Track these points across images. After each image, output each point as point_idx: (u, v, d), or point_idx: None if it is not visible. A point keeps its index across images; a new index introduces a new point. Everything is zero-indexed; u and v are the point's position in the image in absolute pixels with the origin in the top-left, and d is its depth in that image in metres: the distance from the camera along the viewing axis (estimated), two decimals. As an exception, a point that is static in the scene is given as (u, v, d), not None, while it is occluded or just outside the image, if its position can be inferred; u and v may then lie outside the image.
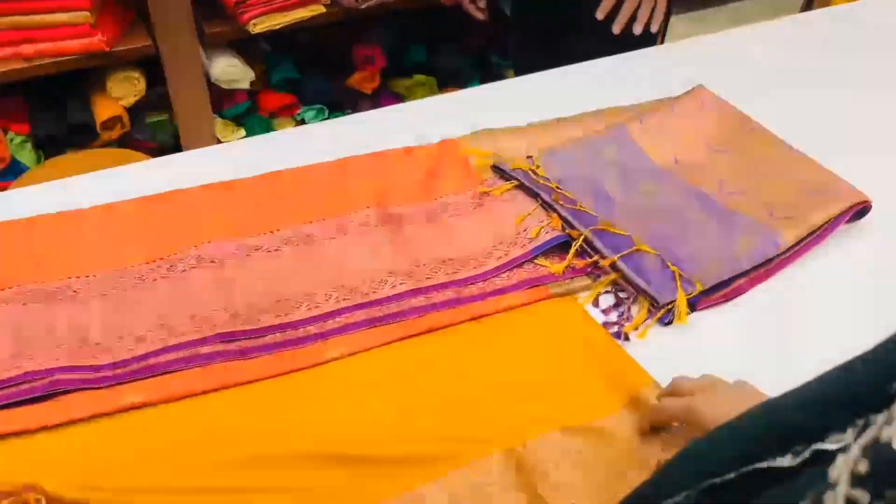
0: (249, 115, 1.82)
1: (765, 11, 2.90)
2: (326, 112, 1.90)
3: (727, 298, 0.74)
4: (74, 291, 0.72)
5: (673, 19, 1.93)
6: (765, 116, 0.96)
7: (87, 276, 0.74)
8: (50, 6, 1.42)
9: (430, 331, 0.71)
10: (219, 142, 1.77)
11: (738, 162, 0.91)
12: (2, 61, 1.46)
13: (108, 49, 1.50)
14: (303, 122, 1.87)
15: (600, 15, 1.10)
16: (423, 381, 0.66)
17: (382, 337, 0.70)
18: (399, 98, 1.99)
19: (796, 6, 2.59)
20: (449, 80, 2.02)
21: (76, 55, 1.49)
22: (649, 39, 1.17)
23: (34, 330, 0.68)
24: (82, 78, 1.63)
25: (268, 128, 1.84)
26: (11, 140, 1.60)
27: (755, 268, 0.76)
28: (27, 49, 1.45)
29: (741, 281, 0.76)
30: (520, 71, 1.24)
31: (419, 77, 1.97)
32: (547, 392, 0.65)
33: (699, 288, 0.73)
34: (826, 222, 0.80)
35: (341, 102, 1.92)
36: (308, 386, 0.66)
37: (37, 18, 1.43)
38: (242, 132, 1.81)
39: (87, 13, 1.44)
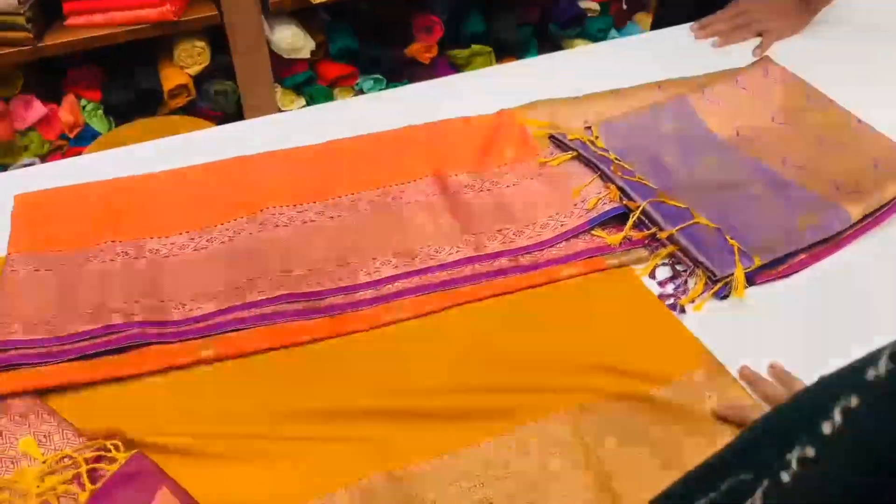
0: (309, 84, 1.84)
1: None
2: (384, 82, 1.91)
3: (787, 274, 0.74)
4: (151, 250, 0.76)
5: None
6: (835, 90, 0.93)
7: (160, 237, 0.78)
8: (122, -23, 1.47)
9: (486, 298, 0.72)
10: (280, 110, 1.80)
11: (803, 135, 0.89)
12: (75, 30, 1.51)
13: (176, 19, 1.54)
14: (361, 91, 1.89)
15: (694, 28, 1.09)
16: (480, 347, 0.68)
17: (439, 302, 0.72)
18: (456, 68, 1.98)
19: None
20: (506, 50, 2.01)
21: (146, 24, 1.53)
22: None
23: (113, 286, 0.72)
24: (151, 47, 1.68)
25: (327, 97, 1.86)
26: (84, 107, 1.66)
27: (818, 244, 0.75)
28: (99, 18, 1.50)
29: (802, 256, 0.75)
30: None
31: (476, 47, 1.96)
32: (602, 362, 0.65)
33: (757, 262, 0.72)
34: (894, 198, 0.78)
35: (399, 72, 1.93)
36: (368, 347, 0.68)
37: (110, -12, 1.48)
38: (303, 101, 1.84)
39: (157, -17, 1.48)
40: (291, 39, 1.70)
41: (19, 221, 0.79)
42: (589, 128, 0.90)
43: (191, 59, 1.65)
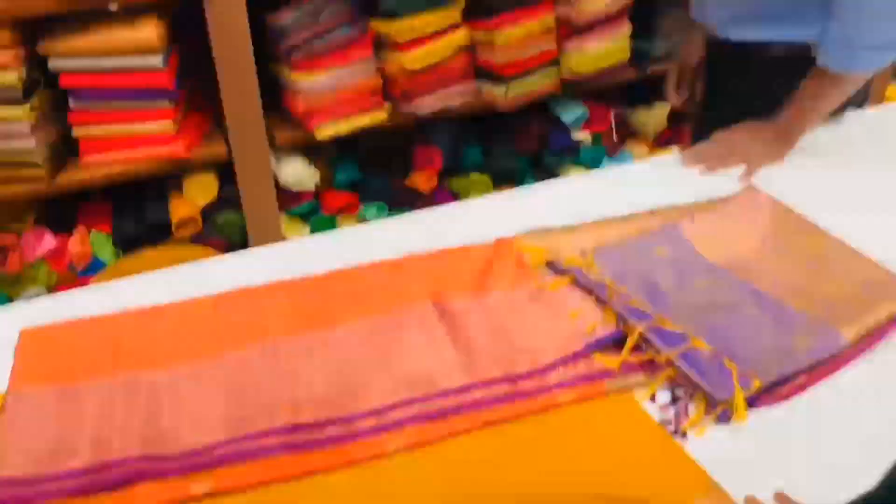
0: (314, 213, 1.90)
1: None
2: (387, 209, 1.97)
3: (787, 396, 0.74)
4: (149, 383, 0.76)
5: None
6: (820, 215, 0.97)
7: (161, 370, 0.78)
8: (138, 117, 1.55)
9: (486, 425, 0.72)
10: (285, 239, 1.85)
11: (793, 260, 0.91)
12: (91, 168, 1.58)
13: (187, 156, 1.61)
14: (364, 219, 1.95)
15: (682, 161, 1.15)
16: (481, 475, 0.67)
17: (440, 431, 0.71)
18: (456, 196, 2.05)
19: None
20: (503, 178, 2.09)
21: (158, 162, 1.60)
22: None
23: (112, 421, 0.72)
24: (161, 180, 1.75)
25: (331, 225, 1.92)
26: (94, 239, 1.71)
27: (815, 365, 0.75)
28: (114, 156, 1.58)
29: (801, 378, 0.75)
30: None
31: (475, 176, 2.04)
32: (604, 491, 0.64)
33: (757, 385, 0.72)
34: (889, 319, 0.79)
35: (401, 200, 1.99)
36: (368, 479, 0.67)
37: (126, 128, 1.56)
38: (307, 230, 1.89)
39: (171, 122, 1.56)
40: (297, 173, 1.78)
41: (22, 356, 0.80)
42: (584, 253, 0.92)
43: (199, 191, 1.72)
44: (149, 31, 1.46)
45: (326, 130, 1.70)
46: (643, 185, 1.10)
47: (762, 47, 1.15)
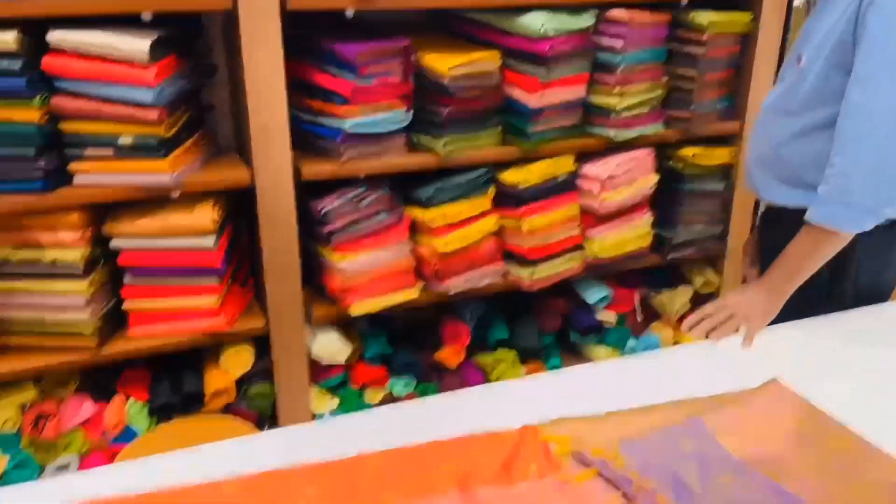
0: (343, 386, 1.94)
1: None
2: (414, 384, 2.00)
3: None
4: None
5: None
6: (845, 413, 0.98)
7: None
8: (186, 292, 1.65)
9: None
10: (313, 414, 1.87)
11: (818, 460, 0.92)
12: (137, 339, 1.66)
13: (228, 329, 1.69)
14: (391, 394, 1.98)
15: (685, 328, 1.22)
16: None
17: None
18: (482, 371, 2.08)
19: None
20: (529, 355, 2.13)
21: (201, 334, 1.68)
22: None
23: None
24: (199, 350, 1.82)
25: (360, 398, 1.94)
26: (131, 407, 1.75)
27: (845, 574, 0.74)
28: (160, 329, 1.66)
29: (832, 588, 0.74)
30: None
31: (501, 352, 2.08)
32: None
33: None
34: (917, 526, 0.79)
35: (428, 374, 2.03)
36: None
37: (173, 303, 1.65)
38: (336, 402, 1.92)
39: (216, 297, 1.66)
40: (331, 348, 1.84)
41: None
42: (610, 446, 0.94)
43: (235, 363, 1.78)
44: (204, 215, 1.59)
45: (361, 307, 1.78)
46: (670, 373, 1.13)
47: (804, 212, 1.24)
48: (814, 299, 1.30)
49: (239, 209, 1.79)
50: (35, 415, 1.62)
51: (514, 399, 1.08)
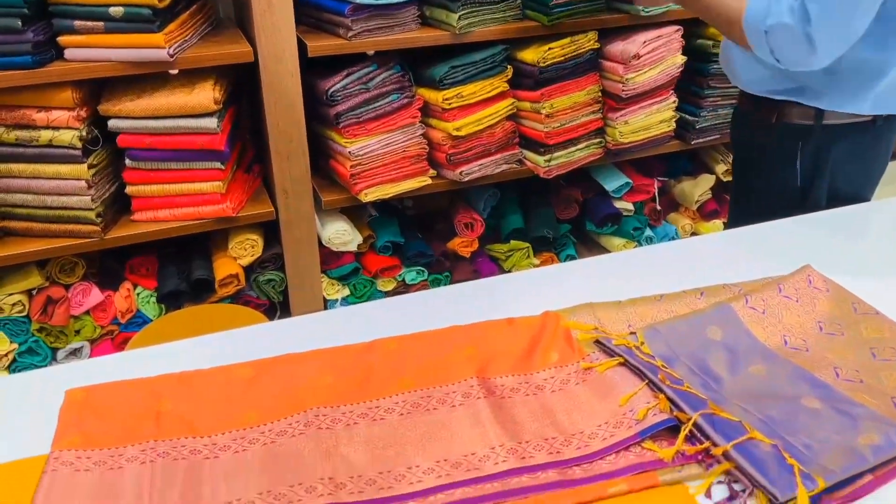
0: (354, 274, 1.91)
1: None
2: (426, 273, 1.97)
3: (852, 498, 0.69)
4: (191, 451, 0.75)
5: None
6: (878, 300, 0.94)
7: (202, 437, 0.77)
8: (190, 177, 1.59)
9: (533, 513, 0.69)
10: (325, 299, 1.85)
11: (854, 347, 0.88)
12: (142, 225, 1.62)
13: (234, 215, 1.64)
14: (403, 282, 1.95)
15: None
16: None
17: (484, 517, 0.69)
18: (495, 262, 2.05)
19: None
20: (543, 246, 2.08)
21: (207, 220, 1.63)
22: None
23: (151, 490, 0.70)
24: (207, 237, 1.78)
25: (371, 287, 1.92)
26: (139, 294, 1.73)
27: (881, 465, 0.71)
28: (165, 214, 1.61)
29: (867, 478, 0.71)
30: None
31: (514, 243, 2.04)
32: (658, 592, 0.61)
33: (821, 485, 0.68)
34: (959, 417, 0.75)
35: (440, 265, 1.99)
36: (408, 566, 0.65)
37: (177, 187, 1.59)
38: (347, 291, 1.90)
39: (221, 183, 1.60)
40: (341, 234, 1.79)
41: (66, 417, 0.80)
42: (634, 333, 0.90)
43: (244, 250, 1.74)
44: (206, 94, 1.50)
45: (371, 194, 1.72)
46: (690, 262, 1.08)
47: (780, 112, 1.21)
48: (787, 204, 1.24)
49: (242, 91, 1.70)
50: (43, 300, 1.61)
51: (532, 289, 1.04)
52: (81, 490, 0.70)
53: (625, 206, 2.10)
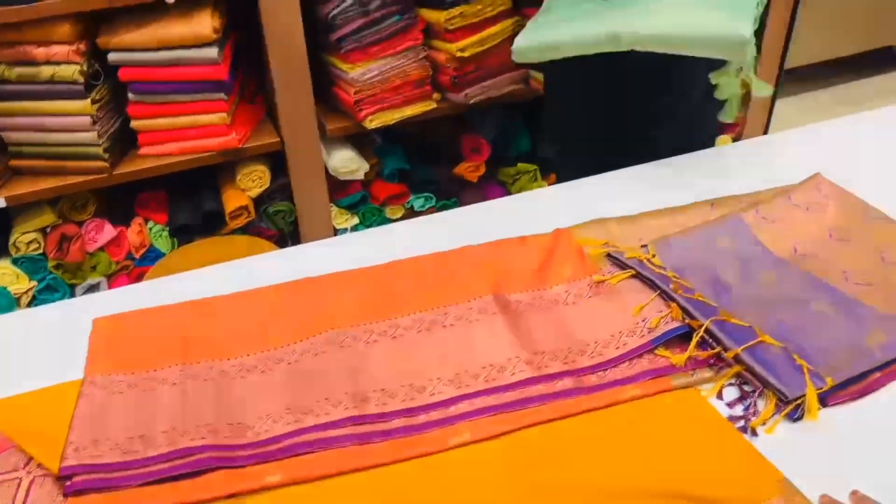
0: (363, 203, 1.92)
1: (872, 94, 2.83)
2: (434, 199, 1.97)
3: (861, 394, 0.72)
4: (219, 373, 0.78)
5: (779, 103, 1.93)
6: (887, 205, 0.94)
7: (228, 359, 0.80)
8: (194, 109, 1.58)
9: (550, 420, 0.72)
10: (335, 229, 1.87)
11: (863, 252, 0.89)
12: (149, 159, 1.62)
13: (240, 146, 1.64)
14: (412, 209, 1.96)
15: None
16: (544, 470, 0.67)
17: (503, 425, 0.71)
18: (503, 186, 2.04)
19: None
20: (552, 167, 2.07)
21: (213, 152, 1.63)
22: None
23: (183, 410, 0.73)
24: (213, 170, 1.78)
25: (380, 215, 1.93)
26: (151, 229, 1.75)
27: (890, 362, 0.73)
28: (171, 147, 1.60)
29: (875, 375, 0.73)
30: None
31: (522, 166, 2.03)
32: (673, 488, 0.64)
33: (830, 383, 0.70)
34: (965, 315, 0.77)
35: (449, 190, 1.99)
36: (432, 471, 0.68)
37: (182, 120, 1.58)
38: (356, 220, 1.91)
39: (225, 115, 1.59)
40: (347, 163, 1.79)
41: (97, 344, 0.82)
42: (645, 246, 0.91)
43: (252, 182, 1.74)
44: (204, 23, 1.48)
45: (376, 120, 1.71)
46: (700, 175, 1.08)
47: None
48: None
49: (241, 20, 1.67)
50: (58, 237, 1.62)
51: (543, 208, 1.04)
52: (117, 411, 0.73)
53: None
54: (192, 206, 1.76)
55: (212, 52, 1.50)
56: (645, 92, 1.18)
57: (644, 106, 1.20)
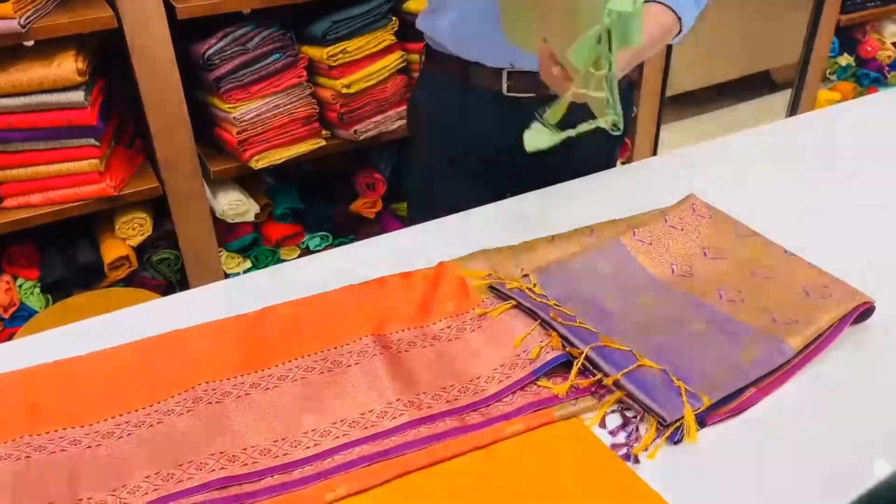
0: (255, 246, 1.85)
1: (752, 117, 3.01)
2: (331, 238, 1.93)
3: (737, 411, 0.72)
4: (70, 443, 0.71)
5: (667, 128, 2.00)
6: (758, 221, 0.97)
7: (82, 426, 0.73)
8: (61, 156, 1.48)
9: (433, 463, 0.68)
10: (226, 274, 1.79)
11: (735, 269, 0.91)
12: (12, 211, 1.51)
13: (116, 194, 1.55)
14: (307, 249, 1.90)
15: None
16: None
17: (384, 473, 0.68)
18: (401, 219, 2.02)
19: (781, 111, 2.68)
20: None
21: (86, 201, 1.53)
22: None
23: (30, 484, 0.66)
24: (90, 220, 1.68)
25: (274, 257, 1.87)
26: (21, 286, 1.62)
27: (763, 377, 0.74)
28: (37, 198, 1.50)
29: (750, 392, 0.73)
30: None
31: (419, 199, 2.01)
32: (557, 525, 0.61)
33: (706, 403, 0.70)
34: (831, 325, 0.79)
35: (345, 228, 1.96)
36: (307, 532, 0.63)
37: (47, 168, 1.49)
38: (248, 264, 1.84)
39: (97, 161, 1.50)
40: (236, 205, 1.72)
41: (-71, 420, 0.73)
42: (527, 276, 0.90)
43: (132, 230, 1.65)
44: (67, 65, 1.40)
45: (263, 160, 1.66)
46: (582, 201, 1.09)
47: None
48: None
49: (111, 62, 1.59)
50: (-90, 302, 1.48)
51: (434, 239, 1.02)
52: (-53, 496, 0.65)
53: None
54: (65, 260, 1.65)
55: (77, 96, 1.42)
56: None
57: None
